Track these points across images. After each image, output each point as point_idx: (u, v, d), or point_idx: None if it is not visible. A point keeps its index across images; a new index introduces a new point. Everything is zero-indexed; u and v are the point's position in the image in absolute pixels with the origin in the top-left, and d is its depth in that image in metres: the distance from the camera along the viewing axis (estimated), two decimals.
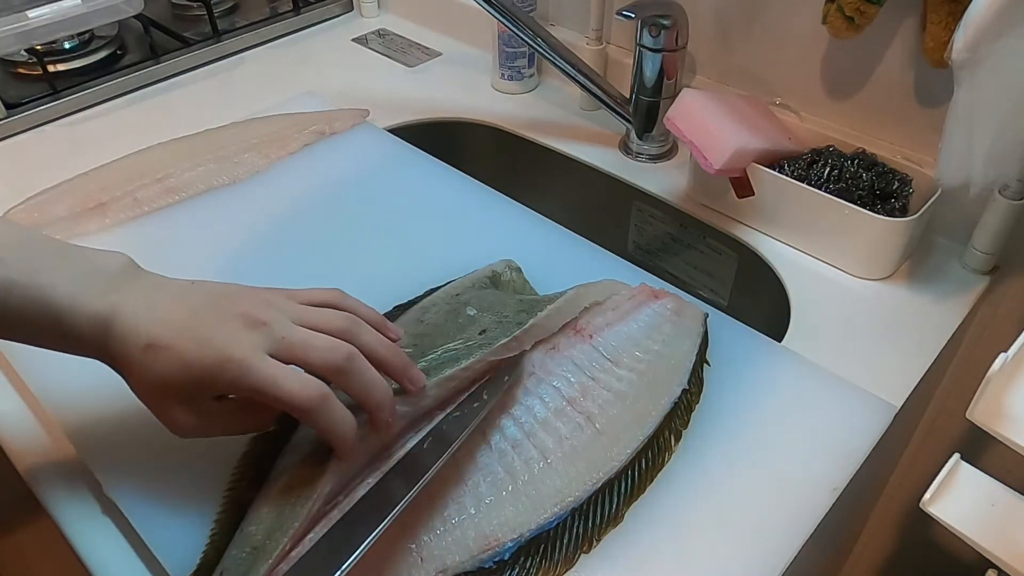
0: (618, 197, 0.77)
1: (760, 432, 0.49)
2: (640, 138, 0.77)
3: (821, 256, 0.65)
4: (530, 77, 0.88)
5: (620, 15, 0.68)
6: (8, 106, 0.81)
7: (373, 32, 1.02)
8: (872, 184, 0.63)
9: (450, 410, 0.46)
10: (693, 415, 0.50)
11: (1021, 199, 0.58)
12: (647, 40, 0.71)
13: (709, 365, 0.53)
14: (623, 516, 0.45)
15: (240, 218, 0.68)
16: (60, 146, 0.80)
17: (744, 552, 0.44)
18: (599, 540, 0.43)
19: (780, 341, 0.57)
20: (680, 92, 0.65)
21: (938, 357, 0.57)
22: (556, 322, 0.52)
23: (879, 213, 0.60)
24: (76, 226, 0.66)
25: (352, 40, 1.00)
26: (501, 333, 0.48)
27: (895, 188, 0.63)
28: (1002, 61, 0.47)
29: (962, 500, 0.43)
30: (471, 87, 0.90)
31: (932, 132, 0.66)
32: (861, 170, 0.64)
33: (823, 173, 0.65)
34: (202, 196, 0.71)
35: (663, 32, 0.70)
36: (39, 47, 0.85)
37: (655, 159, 0.77)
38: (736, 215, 0.69)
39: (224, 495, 0.45)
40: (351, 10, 1.06)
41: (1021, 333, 0.41)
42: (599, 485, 0.45)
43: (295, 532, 0.39)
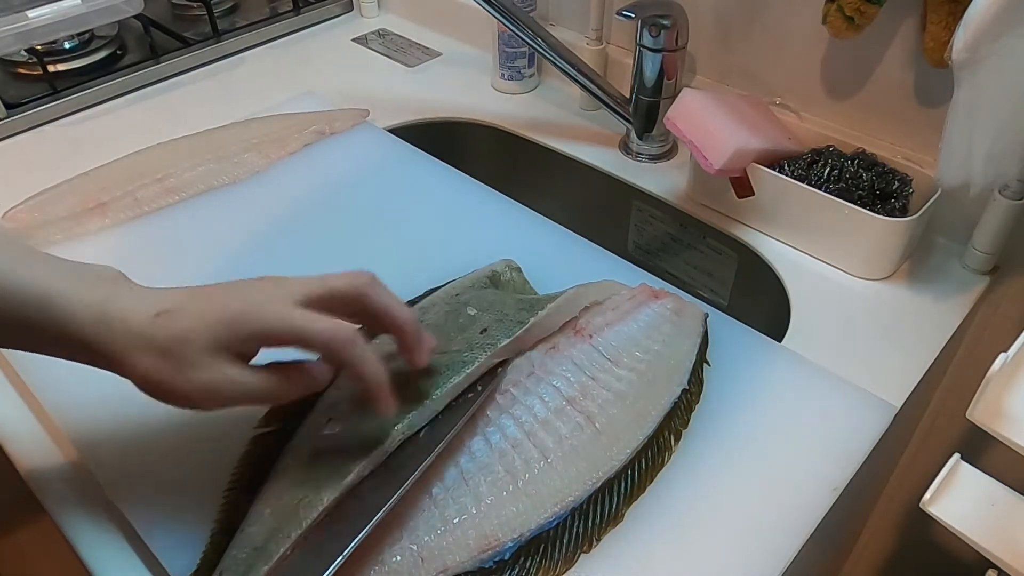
0: (618, 197, 0.77)
1: (760, 432, 0.49)
2: (640, 138, 0.77)
3: (821, 256, 0.65)
4: (530, 77, 0.88)
5: (620, 15, 0.68)
6: (8, 106, 0.81)
7: (373, 32, 1.02)
8: (872, 184, 0.64)
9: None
10: (693, 415, 0.50)
11: (1021, 199, 0.58)
12: (647, 40, 0.71)
13: (709, 365, 0.53)
14: (623, 516, 0.45)
15: (240, 218, 0.68)
16: (60, 146, 0.80)
17: (744, 552, 0.44)
18: (599, 540, 0.43)
19: (780, 341, 0.57)
20: (680, 92, 0.65)
21: (938, 357, 0.57)
22: (556, 321, 0.52)
23: (879, 213, 0.60)
24: (76, 226, 0.66)
25: (352, 40, 1.00)
26: (502, 333, 0.48)
27: (895, 188, 0.63)
28: (1002, 61, 0.47)
29: (962, 500, 0.43)
30: (471, 87, 0.90)
31: (932, 132, 0.66)
32: (861, 170, 0.64)
33: (823, 173, 0.65)
34: (202, 196, 0.71)
35: (663, 32, 0.70)
36: (39, 47, 0.85)
37: (655, 159, 0.77)
38: (736, 215, 0.69)
39: (224, 495, 0.45)
40: (351, 10, 1.06)
41: (1021, 333, 0.41)
42: (599, 485, 0.45)
43: (296, 539, 0.39)
